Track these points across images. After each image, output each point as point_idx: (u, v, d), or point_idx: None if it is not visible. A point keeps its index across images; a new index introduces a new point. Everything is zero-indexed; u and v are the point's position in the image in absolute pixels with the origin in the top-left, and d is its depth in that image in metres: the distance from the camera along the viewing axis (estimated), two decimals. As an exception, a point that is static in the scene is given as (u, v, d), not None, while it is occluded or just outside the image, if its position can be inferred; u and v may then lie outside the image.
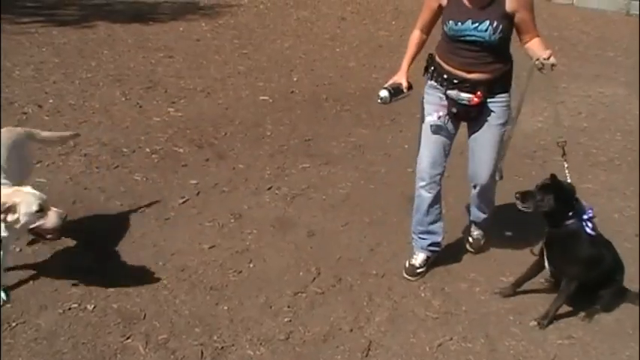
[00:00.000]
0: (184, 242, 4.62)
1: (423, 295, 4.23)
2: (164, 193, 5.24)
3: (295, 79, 8.38)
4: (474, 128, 4.22)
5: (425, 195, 4.29)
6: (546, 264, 4.16)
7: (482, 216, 4.63)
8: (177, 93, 7.56)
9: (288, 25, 11.61)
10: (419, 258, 4.43)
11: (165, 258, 4.41)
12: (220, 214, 4.97)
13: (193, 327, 3.79)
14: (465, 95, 3.99)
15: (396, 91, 4.11)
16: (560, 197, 3.94)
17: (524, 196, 4.03)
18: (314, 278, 4.31)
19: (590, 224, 3.96)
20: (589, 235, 3.96)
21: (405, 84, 4.12)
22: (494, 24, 3.81)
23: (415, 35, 4.21)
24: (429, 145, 4.22)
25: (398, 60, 4.33)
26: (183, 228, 4.79)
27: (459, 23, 3.87)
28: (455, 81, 4.00)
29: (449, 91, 4.04)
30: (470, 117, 4.14)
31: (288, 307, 4.02)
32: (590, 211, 3.99)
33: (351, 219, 5.05)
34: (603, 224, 4.88)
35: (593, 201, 5.60)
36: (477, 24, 3.83)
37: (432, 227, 4.41)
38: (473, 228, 4.76)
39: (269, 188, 5.42)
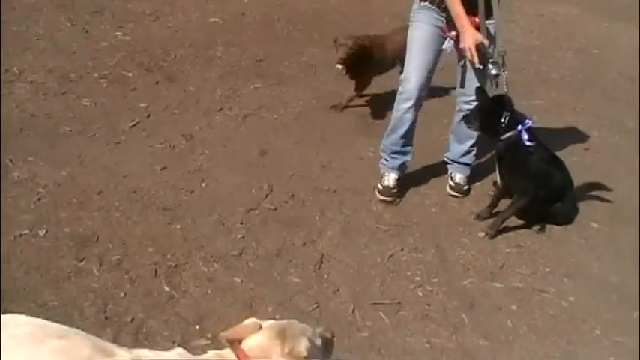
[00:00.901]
0: (136, 165, 4.56)
1: (374, 208, 4.29)
2: (114, 118, 5.14)
3: (246, 0, 8.21)
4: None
5: (407, 117, 4.27)
6: (498, 178, 4.23)
7: (466, 147, 4.56)
8: (125, 17, 7.35)
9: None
10: (391, 178, 4.42)
11: (116, 181, 4.36)
12: (171, 136, 4.91)
13: (147, 247, 3.78)
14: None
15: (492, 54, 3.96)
16: (488, 111, 4.03)
17: (466, 116, 4.18)
18: (266, 195, 4.32)
19: (526, 135, 4.01)
20: (528, 145, 4.02)
21: (487, 40, 3.94)
22: None
23: None
24: (419, 67, 4.17)
25: None
26: (134, 151, 4.73)
27: None
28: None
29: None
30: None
31: (241, 223, 4.04)
32: (527, 121, 4.03)
33: (302, 137, 5.05)
34: (553, 138, 5.00)
35: (544, 117, 5.73)
36: None
37: (405, 148, 4.43)
38: (455, 171, 4.67)
39: (220, 109, 5.37)
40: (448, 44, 4.19)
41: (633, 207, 4.67)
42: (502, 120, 4.01)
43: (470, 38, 3.89)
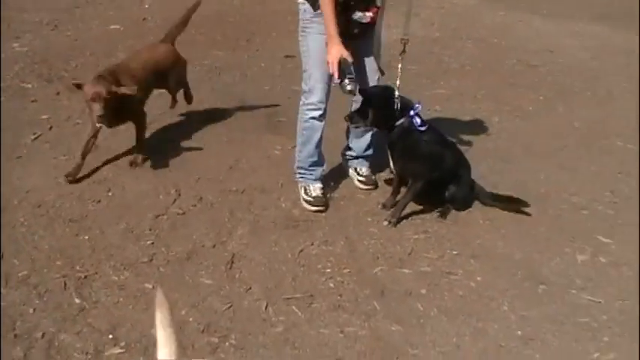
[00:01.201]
0: (39, 178, 4.48)
1: (283, 205, 4.33)
2: (14, 131, 5.03)
3: (147, 5, 8.13)
4: (363, 44, 4.18)
5: (318, 125, 4.27)
6: (391, 166, 4.32)
7: (367, 140, 4.61)
8: (22, 27, 7.19)
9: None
10: (317, 188, 4.41)
11: (20, 196, 4.27)
12: (75, 147, 4.79)
13: (54, 260, 3.72)
14: (367, 14, 4.00)
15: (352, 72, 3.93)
16: (378, 104, 4.09)
17: (351, 116, 4.20)
18: (174, 200, 4.30)
19: (418, 119, 4.12)
20: (420, 129, 4.13)
21: (350, 58, 3.92)
22: None
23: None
24: (324, 78, 4.16)
25: None
26: (37, 164, 4.64)
27: None
28: (352, 2, 3.97)
29: (353, 15, 4.00)
30: (364, 35, 4.11)
31: (150, 230, 4.01)
32: (417, 105, 4.13)
33: (208, 140, 5.04)
34: (456, 126, 5.15)
35: (447, 105, 5.89)
36: None
37: (320, 158, 4.44)
38: (360, 165, 4.72)
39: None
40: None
41: (533, 187, 4.85)
42: (395, 108, 4.09)
43: (334, 53, 3.88)
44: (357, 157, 4.67)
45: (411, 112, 4.12)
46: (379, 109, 4.10)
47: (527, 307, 3.69)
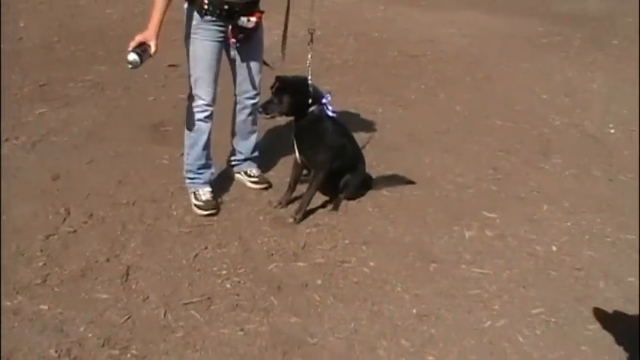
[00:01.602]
0: None
1: (175, 213, 4.33)
2: None
3: (22, 24, 7.90)
4: (248, 47, 4.26)
5: (204, 126, 4.30)
6: (297, 155, 4.39)
7: (253, 141, 4.69)
8: None
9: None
10: (207, 192, 4.43)
11: None
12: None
13: (-60, 291, 3.61)
14: (251, 19, 4.06)
15: (145, 53, 3.93)
16: (294, 91, 4.17)
17: (265, 106, 4.22)
18: (64, 219, 4.23)
19: (329, 107, 4.25)
20: (331, 117, 4.28)
21: (153, 47, 3.96)
22: None
23: None
24: (212, 77, 4.21)
25: None
26: None
27: None
28: (237, 9, 4.02)
29: (238, 21, 4.06)
30: (248, 37, 4.18)
31: (41, 251, 3.93)
32: (327, 95, 4.27)
33: (95, 156, 4.97)
34: (343, 117, 5.26)
35: (331, 101, 5.97)
36: None
37: (209, 161, 4.47)
38: (249, 167, 4.77)
39: (6, 140, 5.15)
40: (233, 50, 4.24)
41: (419, 172, 5.05)
42: (308, 96, 4.19)
43: (144, 35, 3.97)
44: (245, 160, 4.72)
45: (323, 100, 4.23)
46: (294, 96, 4.17)
47: (420, 286, 3.84)
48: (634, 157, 5.60)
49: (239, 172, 4.75)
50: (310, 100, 4.21)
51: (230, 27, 4.10)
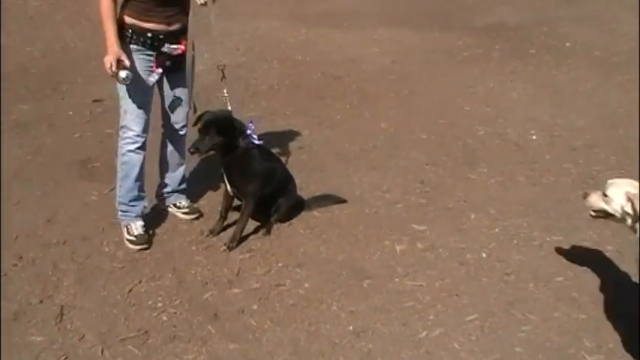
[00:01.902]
0: None
1: (106, 249, 4.31)
2: None
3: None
4: (174, 76, 4.30)
5: (136, 158, 4.30)
6: (228, 187, 4.43)
7: (180, 173, 4.71)
8: None
9: None
10: (139, 226, 4.43)
11: None
12: None
13: None
14: (175, 46, 4.10)
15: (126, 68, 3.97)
16: (222, 129, 4.18)
17: (196, 147, 4.19)
18: (-7, 263, 4.17)
19: (255, 136, 4.32)
20: (258, 145, 4.34)
21: (127, 61, 3.98)
22: None
23: (109, 5, 3.95)
24: (142, 108, 4.21)
25: (52, 29, 4.21)
26: None
27: None
28: (161, 36, 4.06)
29: (163, 48, 4.09)
30: (174, 66, 4.21)
31: (-29, 297, 3.87)
32: (250, 124, 4.33)
33: (23, 196, 4.91)
34: (269, 144, 5.33)
35: (258, 126, 6.00)
36: None
37: (142, 193, 4.47)
38: (178, 199, 4.78)
39: None
40: (154, 78, 4.26)
41: (349, 191, 5.14)
42: (235, 132, 4.23)
43: (112, 55, 3.95)
44: (173, 192, 4.73)
45: (247, 132, 4.28)
46: (222, 134, 4.18)
47: (355, 302, 3.90)
48: (555, 161, 5.80)
49: (169, 205, 4.75)
50: (236, 134, 4.26)
51: (155, 55, 4.13)
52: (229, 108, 4.28)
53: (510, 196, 5.22)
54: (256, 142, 4.36)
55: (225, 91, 4.28)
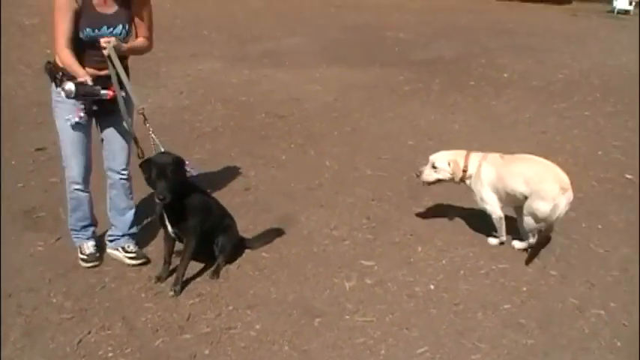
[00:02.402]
0: None
1: (54, 300, 4.23)
2: None
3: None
4: (109, 121, 4.40)
5: (82, 196, 4.52)
6: (169, 228, 4.42)
7: (129, 217, 4.73)
8: None
9: None
10: (90, 246, 4.67)
11: None
12: None
13: None
14: (103, 92, 4.12)
15: (81, 86, 4.04)
16: (174, 168, 4.18)
17: (162, 193, 4.12)
18: None
19: (190, 170, 4.38)
20: (193, 181, 4.44)
21: (89, 78, 4.07)
22: (126, 27, 4.22)
23: (68, 54, 4.08)
24: (78, 151, 4.36)
25: None
26: None
27: (96, 30, 4.11)
28: (90, 83, 4.09)
29: (88, 90, 4.10)
30: (106, 111, 4.27)
31: None
32: (186, 161, 4.34)
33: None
34: (215, 186, 5.37)
35: (203, 168, 6.08)
36: (111, 29, 4.15)
37: (91, 220, 4.67)
38: (127, 242, 4.76)
39: None
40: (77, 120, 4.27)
41: (296, 230, 5.20)
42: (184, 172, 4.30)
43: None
44: (122, 236, 4.71)
45: (186, 167, 4.33)
46: (176, 173, 4.19)
47: (307, 341, 3.92)
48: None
49: (116, 249, 4.73)
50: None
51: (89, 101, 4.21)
52: (161, 149, 4.27)
53: (456, 227, 5.34)
54: (194, 172, 4.47)
55: (151, 133, 4.27)
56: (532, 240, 4.92)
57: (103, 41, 4.10)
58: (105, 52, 4.11)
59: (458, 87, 9.85)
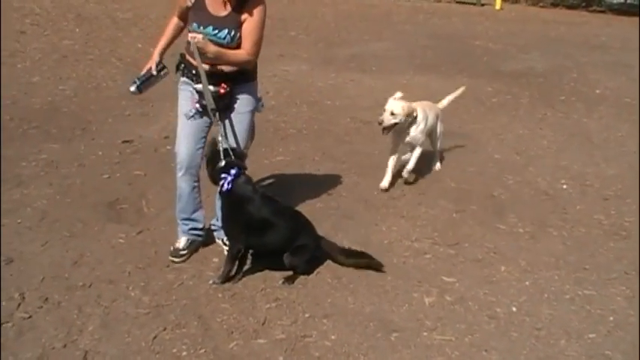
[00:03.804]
0: None
1: (132, 294, 4.25)
2: None
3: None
4: (225, 116, 4.43)
5: (184, 185, 4.56)
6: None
7: None
8: None
9: (-42, 48, 10.73)
10: (182, 241, 4.69)
11: None
12: None
13: None
14: (212, 88, 4.21)
15: (145, 79, 4.36)
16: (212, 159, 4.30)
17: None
18: (19, 304, 4.12)
19: (228, 184, 4.28)
20: (255, 192, 4.38)
21: (153, 68, 4.35)
22: (232, 32, 4.19)
23: (172, 20, 4.46)
24: (187, 139, 4.46)
25: (85, 69, 4.26)
26: None
27: (201, 27, 4.17)
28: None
29: (196, 85, 4.28)
30: (219, 107, 4.31)
31: (-5, 341, 3.83)
32: (236, 169, 4.29)
33: (50, 237, 4.89)
34: (297, 190, 5.31)
35: (286, 170, 6.06)
36: (216, 31, 4.17)
37: (193, 215, 4.68)
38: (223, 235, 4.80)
39: (-43, 224, 5.06)
40: (191, 112, 4.41)
41: (376, 239, 5.10)
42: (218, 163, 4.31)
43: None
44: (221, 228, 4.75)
45: (232, 172, 4.28)
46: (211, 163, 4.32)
47: (382, 356, 3.81)
48: (586, 212, 5.72)
49: (220, 239, 4.84)
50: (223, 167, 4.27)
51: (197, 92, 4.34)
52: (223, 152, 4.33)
53: (541, 247, 5.15)
54: (225, 186, 4.31)
55: (220, 137, 4.34)
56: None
57: (190, 35, 4.14)
58: (190, 47, 4.17)
59: (548, 101, 9.57)
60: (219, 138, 4.29)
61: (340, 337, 3.96)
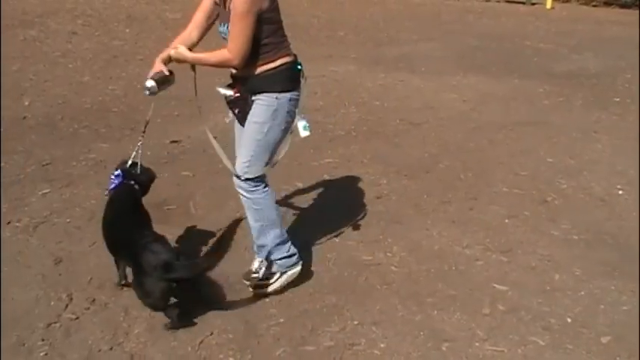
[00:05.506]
0: None
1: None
2: None
3: (27, 103, 7.92)
4: (241, 123, 4.19)
5: (243, 200, 4.24)
6: None
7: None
8: None
9: (13, 46, 10.84)
10: (256, 261, 4.35)
11: None
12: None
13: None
14: (227, 91, 4.07)
15: (162, 80, 4.09)
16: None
17: None
18: (66, 305, 4.13)
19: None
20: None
21: (165, 71, 4.08)
22: (227, 26, 3.88)
23: (195, 16, 4.11)
24: (238, 149, 4.21)
25: (134, 69, 4.23)
26: None
27: (220, 25, 3.99)
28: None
29: (217, 88, 4.12)
30: (236, 112, 4.14)
31: (43, 340, 3.82)
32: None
33: (98, 237, 4.82)
34: (345, 192, 5.23)
35: (335, 173, 6.01)
36: (225, 27, 3.90)
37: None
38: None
39: (8, 223, 5.08)
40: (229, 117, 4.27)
41: (427, 245, 5.00)
42: None
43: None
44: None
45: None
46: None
47: (432, 368, 3.72)
48: (645, 219, 5.54)
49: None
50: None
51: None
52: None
53: (596, 255, 4.98)
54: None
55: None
56: None
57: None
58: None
59: (602, 103, 9.33)
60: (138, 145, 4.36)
61: (389, 345, 3.87)
